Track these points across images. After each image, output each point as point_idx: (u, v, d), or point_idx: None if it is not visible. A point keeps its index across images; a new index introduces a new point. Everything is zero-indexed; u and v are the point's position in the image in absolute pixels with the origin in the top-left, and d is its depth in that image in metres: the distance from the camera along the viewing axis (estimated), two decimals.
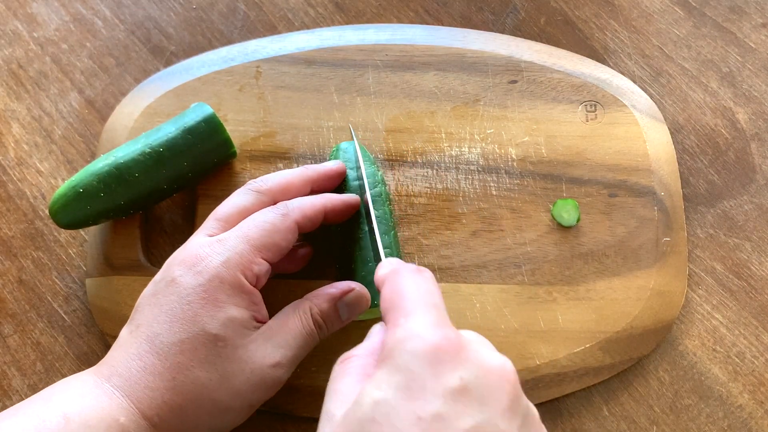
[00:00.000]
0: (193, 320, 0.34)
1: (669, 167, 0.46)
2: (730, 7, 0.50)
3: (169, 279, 0.35)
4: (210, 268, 0.35)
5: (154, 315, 0.35)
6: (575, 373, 0.42)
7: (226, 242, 0.35)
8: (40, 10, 0.51)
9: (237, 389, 0.34)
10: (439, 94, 0.47)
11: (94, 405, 0.33)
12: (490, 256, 0.44)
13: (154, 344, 0.34)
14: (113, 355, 0.35)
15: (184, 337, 0.34)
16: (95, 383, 0.34)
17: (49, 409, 0.32)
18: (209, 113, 0.43)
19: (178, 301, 0.34)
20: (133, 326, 0.35)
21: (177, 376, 0.33)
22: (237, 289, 0.35)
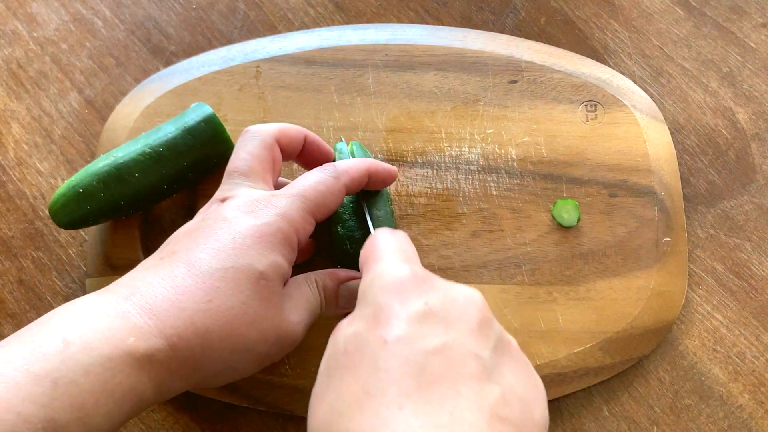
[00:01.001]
0: (243, 253, 0.33)
1: (669, 167, 0.46)
2: (730, 7, 0.50)
3: (219, 217, 0.34)
4: (269, 216, 0.34)
5: (197, 243, 0.33)
6: (575, 373, 0.42)
7: (283, 198, 0.35)
8: (40, 10, 0.51)
9: (264, 332, 0.33)
10: (439, 94, 0.47)
11: (98, 325, 0.30)
12: (490, 256, 0.44)
13: (194, 267, 0.32)
14: (134, 276, 0.33)
15: (228, 266, 0.32)
16: (107, 302, 0.31)
17: (47, 333, 0.30)
18: (209, 113, 0.43)
19: (230, 233, 0.33)
20: (165, 253, 0.34)
21: (214, 300, 0.32)
22: (287, 242, 0.34)
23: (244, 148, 0.38)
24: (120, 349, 0.30)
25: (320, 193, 0.36)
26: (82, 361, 0.29)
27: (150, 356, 0.30)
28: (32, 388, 0.28)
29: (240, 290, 0.32)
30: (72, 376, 0.28)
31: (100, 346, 0.29)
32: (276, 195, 0.35)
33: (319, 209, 0.36)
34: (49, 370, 0.28)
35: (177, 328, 0.31)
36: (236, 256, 0.33)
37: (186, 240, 0.34)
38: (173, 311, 0.31)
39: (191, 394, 0.44)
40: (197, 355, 0.32)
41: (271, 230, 0.34)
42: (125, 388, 0.30)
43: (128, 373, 0.30)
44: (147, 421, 0.44)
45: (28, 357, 0.29)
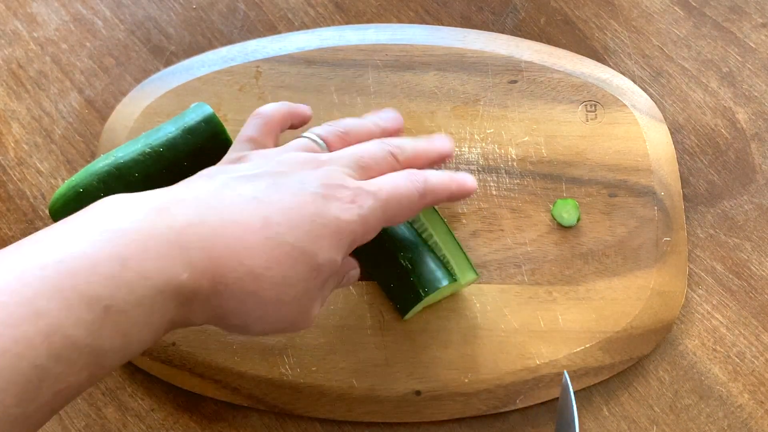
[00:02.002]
0: (315, 240, 0.33)
1: (669, 167, 0.46)
2: (730, 7, 0.50)
3: (311, 186, 0.34)
4: (353, 215, 0.34)
5: (282, 204, 0.33)
6: (575, 373, 0.42)
7: (368, 200, 0.34)
8: (40, 10, 0.51)
9: (290, 312, 0.33)
10: (439, 94, 0.47)
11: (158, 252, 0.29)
12: (490, 256, 0.44)
13: (269, 228, 0.32)
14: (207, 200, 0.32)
15: (299, 245, 0.32)
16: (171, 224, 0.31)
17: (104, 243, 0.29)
18: (209, 113, 0.43)
19: (315, 214, 0.33)
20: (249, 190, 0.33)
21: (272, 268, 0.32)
22: (351, 244, 0.35)
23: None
24: (171, 284, 0.30)
25: (400, 207, 0.36)
26: (135, 291, 0.29)
27: (194, 295, 0.31)
28: (83, 313, 0.27)
29: (295, 271, 0.32)
30: (123, 305, 0.28)
31: (155, 277, 0.29)
32: (365, 191, 0.35)
33: (390, 221, 0.36)
34: (102, 296, 0.28)
35: (227, 279, 0.31)
36: (309, 239, 0.33)
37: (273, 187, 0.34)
38: (231, 263, 0.31)
39: (191, 394, 0.44)
40: (229, 309, 0.32)
41: (347, 231, 0.34)
42: (164, 320, 0.30)
43: (171, 308, 0.30)
44: (147, 420, 0.44)
45: (83, 276, 0.28)
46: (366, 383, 0.42)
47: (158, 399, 0.44)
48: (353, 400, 0.42)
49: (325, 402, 0.42)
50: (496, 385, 0.42)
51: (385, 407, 0.42)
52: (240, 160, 0.36)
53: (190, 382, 0.43)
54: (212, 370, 0.43)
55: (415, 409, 0.42)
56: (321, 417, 0.43)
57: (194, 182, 0.34)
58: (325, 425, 0.43)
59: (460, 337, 0.42)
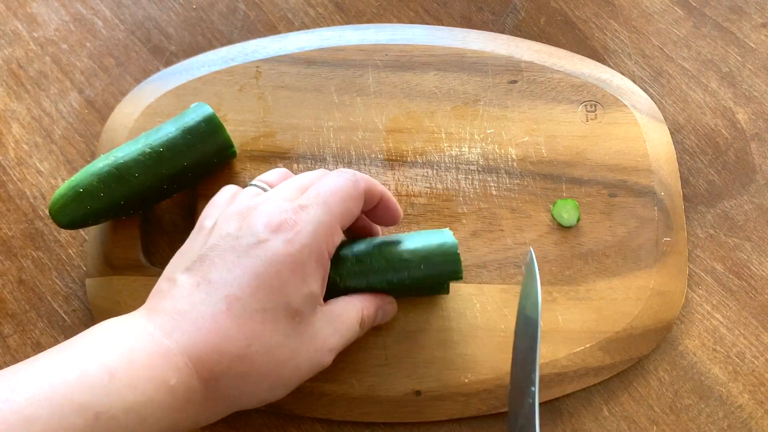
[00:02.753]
0: (280, 291, 0.33)
1: (669, 167, 0.46)
2: (730, 7, 0.50)
3: (253, 240, 0.33)
4: (301, 238, 0.34)
5: (234, 276, 0.33)
6: (575, 373, 0.42)
7: (309, 210, 0.35)
8: (40, 10, 0.51)
9: (299, 367, 0.34)
10: (439, 94, 0.47)
11: (143, 363, 0.31)
12: (490, 256, 0.44)
13: (233, 308, 0.32)
14: (174, 305, 0.33)
15: (267, 307, 0.32)
16: (150, 336, 0.32)
17: (92, 360, 0.30)
18: (209, 113, 0.43)
19: (266, 266, 0.33)
20: (201, 279, 0.33)
21: (253, 344, 0.32)
22: (320, 262, 0.34)
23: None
24: (162, 391, 0.30)
25: (342, 200, 0.36)
26: (125, 399, 0.29)
27: (189, 397, 0.31)
28: (75, 419, 0.28)
29: (278, 330, 0.33)
30: (114, 412, 0.29)
31: (144, 385, 0.30)
32: (303, 207, 0.35)
33: (343, 216, 0.36)
34: (92, 403, 0.29)
35: (215, 373, 0.32)
36: (273, 295, 0.33)
37: (223, 266, 0.33)
38: (214, 357, 0.32)
39: None
40: (234, 396, 0.33)
41: (303, 258, 0.33)
42: (162, 425, 0.31)
43: (167, 413, 0.31)
44: None
45: (73, 385, 0.29)
46: (366, 383, 0.42)
47: None
48: (353, 399, 0.42)
49: (325, 402, 0.42)
50: (496, 385, 0.42)
51: (385, 407, 0.42)
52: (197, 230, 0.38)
53: None
54: None
55: (415, 409, 0.42)
56: (321, 417, 0.43)
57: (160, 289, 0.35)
58: (325, 425, 0.43)
59: (460, 337, 0.42)
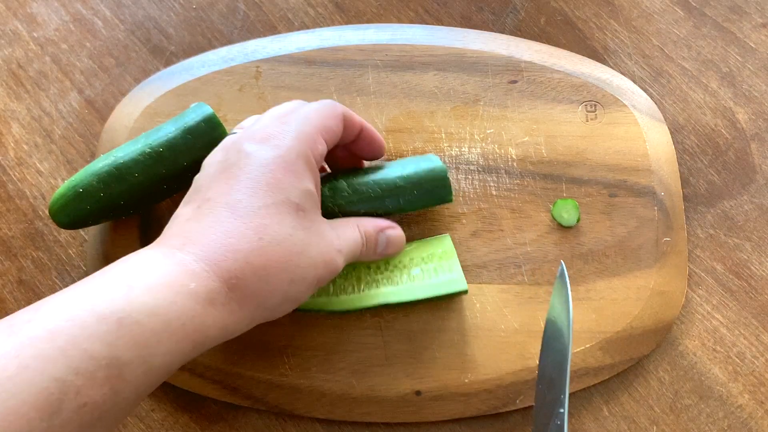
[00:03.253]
0: (278, 187, 0.34)
1: (669, 167, 0.46)
2: (730, 7, 0.50)
3: (241, 153, 0.35)
4: (286, 141, 0.35)
5: (230, 185, 0.34)
6: (575, 373, 0.42)
7: (291, 122, 0.36)
8: (40, 10, 0.51)
9: (313, 259, 0.35)
10: (439, 94, 0.47)
11: (160, 274, 0.31)
12: (490, 256, 0.44)
13: (236, 210, 0.33)
14: (179, 226, 0.34)
15: (269, 202, 0.34)
16: (162, 254, 0.32)
17: (110, 279, 0.31)
18: (209, 113, 0.43)
19: (259, 169, 0.34)
20: (200, 201, 0.35)
21: (264, 236, 0.33)
22: (308, 164, 0.36)
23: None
24: (182, 294, 0.31)
25: (322, 115, 0.38)
26: (146, 303, 0.30)
27: (212, 299, 0.32)
28: (98, 326, 0.29)
29: (285, 223, 0.34)
30: (136, 316, 0.29)
31: (163, 291, 0.30)
32: (284, 121, 0.37)
33: (325, 129, 0.37)
34: (114, 311, 0.29)
35: (234, 270, 0.32)
36: (272, 192, 0.34)
37: (216, 184, 0.35)
38: (228, 255, 0.32)
39: (191, 394, 0.44)
40: (258, 291, 0.33)
41: (292, 158, 0.35)
42: (188, 329, 0.31)
43: (191, 316, 0.31)
44: (147, 420, 0.44)
45: (93, 299, 0.30)
46: (366, 383, 0.42)
47: (158, 399, 0.44)
48: (353, 400, 0.42)
49: (325, 402, 0.42)
50: (496, 385, 0.42)
51: (385, 407, 0.42)
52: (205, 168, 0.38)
53: (190, 382, 0.43)
54: (212, 370, 0.43)
55: (415, 409, 0.42)
56: (321, 417, 0.43)
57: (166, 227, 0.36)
58: (325, 425, 0.43)
59: (460, 337, 0.42)
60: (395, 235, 0.41)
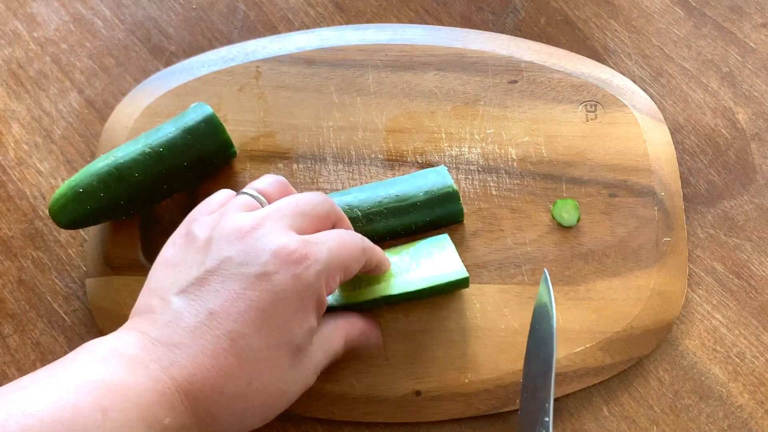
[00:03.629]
0: (284, 327, 0.32)
1: (669, 167, 0.46)
2: (730, 7, 0.50)
3: (259, 270, 0.33)
4: (309, 276, 0.33)
5: (238, 310, 0.32)
6: (575, 373, 0.42)
7: (320, 249, 0.34)
8: (40, 10, 0.51)
9: (291, 396, 0.34)
10: (439, 94, 0.47)
11: (137, 401, 0.30)
12: (490, 256, 0.44)
13: (237, 345, 0.31)
14: (171, 336, 0.32)
15: (272, 343, 0.32)
16: (145, 370, 0.31)
17: (85, 394, 0.29)
18: (209, 113, 0.43)
19: (272, 302, 0.32)
20: (201, 308, 0.32)
21: (253, 382, 0.32)
22: (320, 302, 0.34)
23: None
24: (154, 430, 0.30)
25: (348, 256, 0.36)
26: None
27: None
28: None
29: (278, 367, 0.33)
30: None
31: (137, 426, 0.29)
32: (314, 242, 0.34)
33: (344, 269, 0.36)
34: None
35: (212, 411, 0.31)
36: (278, 332, 0.32)
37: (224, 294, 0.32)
38: (213, 396, 0.31)
39: None
40: (226, 429, 0.33)
41: (308, 295, 0.33)
42: None
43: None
44: None
45: (66, 425, 0.28)
46: (366, 383, 0.42)
47: None
48: (353, 400, 0.42)
49: (325, 402, 0.42)
50: (496, 385, 0.42)
51: (385, 407, 0.42)
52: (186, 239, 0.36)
53: None
54: None
55: (415, 409, 0.42)
56: (321, 417, 0.43)
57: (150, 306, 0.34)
58: (325, 425, 0.43)
59: (460, 337, 0.42)
60: (375, 336, 0.41)
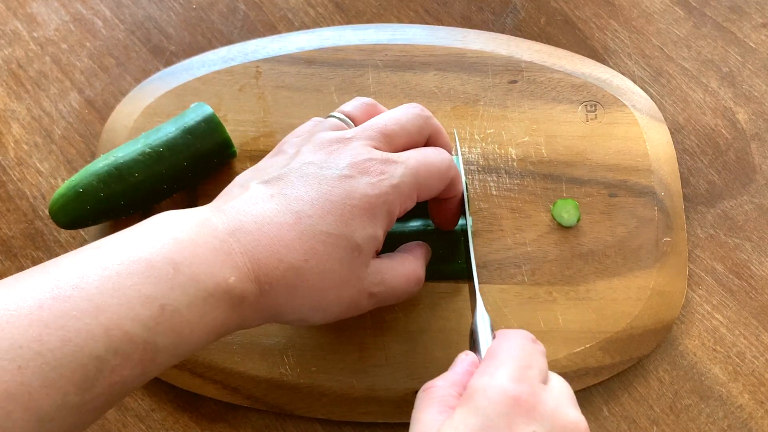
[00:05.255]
0: (348, 222, 0.34)
1: (669, 167, 0.46)
2: (730, 7, 0.50)
3: (336, 172, 0.34)
4: (383, 187, 0.35)
5: (310, 197, 0.34)
6: (575, 373, 0.42)
7: (398, 167, 0.35)
8: (40, 10, 0.51)
9: (341, 298, 0.35)
10: (439, 94, 0.47)
11: (205, 258, 0.31)
12: (490, 256, 0.44)
13: (301, 223, 0.33)
14: (243, 207, 0.34)
15: (332, 231, 0.33)
16: (214, 232, 0.32)
17: (158, 253, 0.31)
18: (209, 113, 0.43)
19: (344, 197, 0.34)
20: (277, 191, 0.34)
21: (310, 260, 0.33)
22: (389, 215, 0.35)
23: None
24: (221, 287, 0.31)
25: (432, 176, 0.37)
26: (188, 292, 0.30)
27: (243, 298, 0.32)
28: (141, 309, 0.29)
29: (334, 257, 0.34)
30: (177, 305, 0.30)
31: (205, 280, 0.31)
32: (393, 161, 0.36)
33: (424, 189, 0.37)
34: (158, 296, 0.30)
35: (271, 278, 0.33)
36: (341, 223, 0.34)
37: (302, 186, 0.34)
38: (272, 262, 0.32)
39: (191, 394, 0.44)
40: (281, 305, 0.34)
41: (379, 204, 0.34)
42: (217, 323, 0.32)
43: (222, 310, 0.32)
44: (147, 421, 0.44)
45: (140, 277, 0.30)
46: (366, 383, 0.42)
47: (158, 399, 0.44)
48: (353, 400, 0.42)
49: (325, 402, 0.42)
50: None
51: (385, 407, 0.42)
52: (277, 153, 0.38)
53: (190, 382, 0.43)
54: (212, 370, 0.43)
55: None
56: (321, 417, 0.43)
57: (230, 192, 0.36)
58: (325, 425, 0.43)
59: (460, 337, 0.42)
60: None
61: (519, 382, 0.30)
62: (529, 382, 0.30)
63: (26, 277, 0.29)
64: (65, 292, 0.28)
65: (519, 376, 0.30)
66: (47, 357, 0.27)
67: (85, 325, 0.28)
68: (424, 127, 0.38)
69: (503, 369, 0.30)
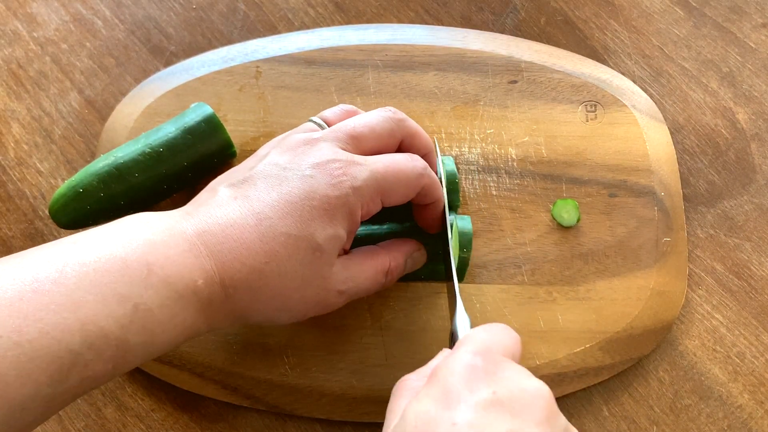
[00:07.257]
0: (308, 223, 0.34)
1: (669, 167, 0.46)
2: (730, 7, 0.50)
3: (297, 173, 0.35)
4: (344, 188, 0.35)
5: (271, 198, 0.34)
6: (575, 373, 0.42)
7: (362, 171, 0.35)
8: (40, 10, 0.51)
9: (306, 297, 0.35)
10: (439, 94, 0.47)
11: (176, 259, 0.32)
12: (490, 256, 0.44)
13: (261, 224, 0.34)
14: (209, 211, 0.34)
15: (292, 233, 0.34)
16: (183, 234, 0.33)
17: (133, 252, 0.31)
18: (209, 113, 0.43)
19: (303, 198, 0.34)
20: (240, 194, 0.35)
21: (271, 262, 0.33)
22: (352, 216, 0.35)
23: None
24: (189, 289, 0.32)
25: (398, 181, 0.36)
26: (160, 293, 0.31)
27: (210, 301, 0.33)
28: (116, 307, 0.30)
29: (294, 258, 0.34)
30: (150, 305, 0.31)
31: (176, 282, 0.32)
32: (358, 163, 0.35)
33: (388, 194, 0.36)
34: (132, 295, 0.30)
35: (234, 281, 0.33)
36: (301, 224, 0.34)
37: (263, 188, 0.35)
38: (235, 265, 0.33)
39: (191, 394, 0.44)
40: (246, 308, 0.34)
41: (339, 204, 0.35)
42: (186, 324, 0.32)
43: (192, 312, 0.32)
44: (147, 420, 0.44)
45: (116, 275, 0.31)
46: (366, 383, 0.42)
47: (158, 399, 0.44)
48: (353, 400, 0.42)
49: (325, 402, 0.42)
50: None
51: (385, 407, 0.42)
52: (251, 157, 0.38)
53: (190, 382, 0.43)
54: (212, 370, 0.43)
55: None
56: (321, 417, 0.43)
57: (200, 196, 0.37)
58: (325, 425, 0.43)
59: None
60: (421, 257, 0.41)
61: (479, 354, 0.30)
62: (491, 355, 0.30)
63: (5, 267, 0.30)
64: (44, 286, 0.29)
65: (480, 349, 0.30)
66: (25, 348, 0.28)
67: (63, 320, 0.29)
68: (396, 130, 0.38)
69: (465, 347, 0.30)
